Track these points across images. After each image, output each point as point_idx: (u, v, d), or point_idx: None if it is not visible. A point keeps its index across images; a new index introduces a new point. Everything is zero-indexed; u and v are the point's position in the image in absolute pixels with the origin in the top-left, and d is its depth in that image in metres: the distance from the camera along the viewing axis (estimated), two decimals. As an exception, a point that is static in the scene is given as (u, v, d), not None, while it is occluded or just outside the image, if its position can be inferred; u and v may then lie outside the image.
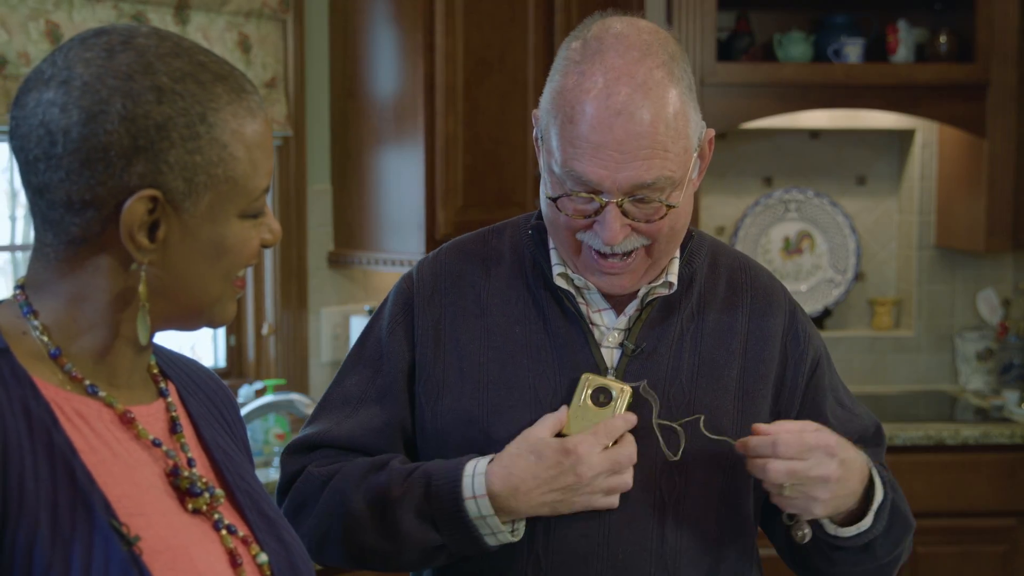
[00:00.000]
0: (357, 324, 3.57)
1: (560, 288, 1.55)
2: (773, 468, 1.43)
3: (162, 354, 1.24)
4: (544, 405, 1.51)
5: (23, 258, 3.11)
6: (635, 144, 1.40)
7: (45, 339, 1.08)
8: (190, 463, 1.15)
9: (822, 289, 4.11)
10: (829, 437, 1.46)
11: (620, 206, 1.43)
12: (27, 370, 1.05)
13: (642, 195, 1.43)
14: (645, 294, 1.54)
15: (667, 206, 1.45)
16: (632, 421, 1.49)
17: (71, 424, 1.06)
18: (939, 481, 3.51)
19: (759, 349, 1.58)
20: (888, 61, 3.79)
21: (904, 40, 3.76)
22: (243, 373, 3.57)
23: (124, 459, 1.08)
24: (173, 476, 1.12)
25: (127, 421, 1.11)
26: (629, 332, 1.55)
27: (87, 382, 1.09)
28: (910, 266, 4.11)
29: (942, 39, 3.77)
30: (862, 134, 4.11)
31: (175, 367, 1.25)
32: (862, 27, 3.85)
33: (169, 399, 1.19)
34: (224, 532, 1.14)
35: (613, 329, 1.55)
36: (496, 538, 1.47)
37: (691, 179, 1.49)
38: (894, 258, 4.19)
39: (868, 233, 4.16)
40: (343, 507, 1.52)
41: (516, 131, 3.41)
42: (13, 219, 3.10)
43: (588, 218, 1.46)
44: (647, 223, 1.46)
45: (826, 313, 4.13)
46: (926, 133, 4.04)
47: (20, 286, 1.11)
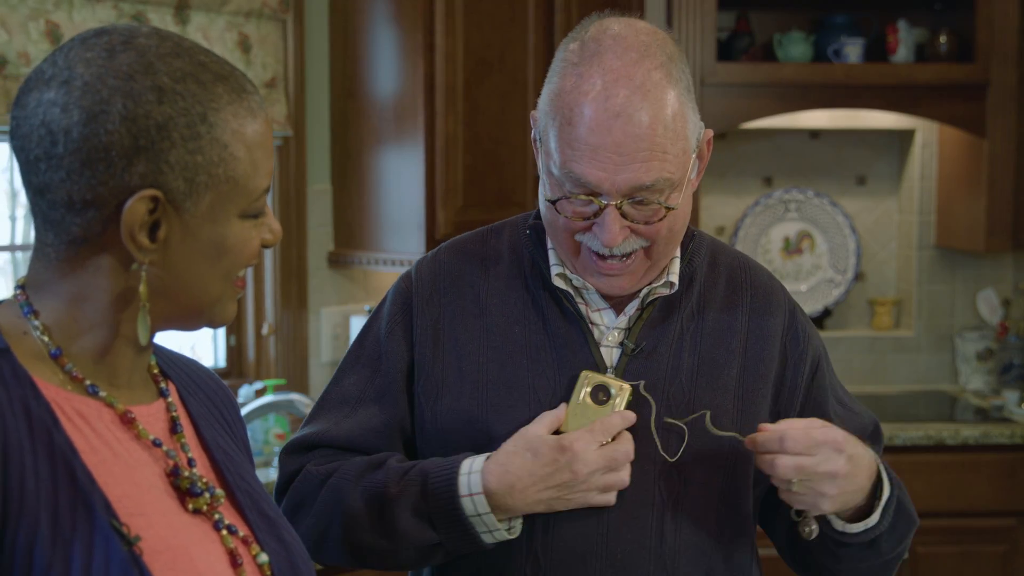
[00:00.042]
0: (357, 324, 3.57)
1: (559, 288, 1.55)
2: (781, 464, 1.43)
3: (162, 354, 1.24)
4: (543, 405, 1.51)
5: (23, 258, 3.10)
6: (634, 146, 1.40)
7: (46, 339, 1.08)
8: (190, 463, 1.15)
9: (822, 289, 4.11)
10: (837, 433, 1.46)
11: (619, 208, 1.43)
12: (28, 370, 1.05)
13: (641, 197, 1.43)
14: (646, 294, 1.54)
15: (666, 208, 1.45)
16: (630, 419, 1.48)
17: (72, 424, 1.06)
18: (939, 481, 3.51)
19: (759, 348, 1.58)
20: (888, 61, 3.79)
21: (904, 40, 3.76)
22: (243, 373, 3.56)
23: (124, 459, 1.08)
24: (173, 476, 1.12)
25: (127, 421, 1.11)
26: (629, 332, 1.55)
27: (88, 382, 1.09)
28: (910, 266, 4.11)
29: (942, 39, 3.77)
30: (862, 134, 4.11)
31: (175, 367, 1.25)
32: (862, 27, 3.85)
33: (169, 399, 1.19)
34: (224, 532, 1.14)
35: (613, 328, 1.55)
36: (492, 536, 1.47)
37: (690, 180, 1.49)
38: (894, 258, 4.19)
39: (868, 233, 4.16)
40: (341, 505, 1.52)
41: (516, 131, 3.41)
42: (13, 219, 3.10)
43: (587, 220, 1.46)
44: (646, 225, 1.46)
45: (826, 313, 4.13)
46: (926, 133, 4.04)
47: (21, 286, 1.11)
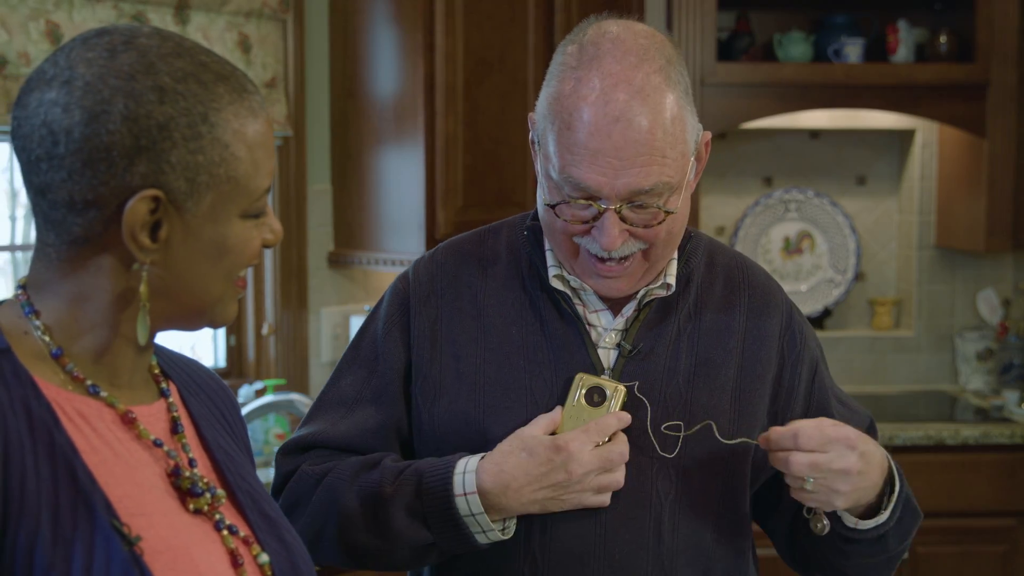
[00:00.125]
0: (357, 324, 3.56)
1: (556, 289, 1.55)
2: (795, 461, 1.43)
3: (163, 354, 1.24)
4: (540, 406, 1.51)
5: (23, 258, 3.10)
6: (633, 150, 1.40)
7: (47, 339, 1.08)
8: (191, 463, 1.15)
9: (822, 289, 4.11)
10: (849, 431, 1.46)
11: (618, 212, 1.43)
12: (28, 370, 1.05)
13: (640, 201, 1.43)
14: (643, 295, 1.54)
15: (665, 212, 1.45)
16: (625, 420, 1.48)
17: (72, 424, 1.06)
18: (939, 481, 3.50)
19: (756, 349, 1.58)
20: (888, 61, 3.79)
21: (904, 40, 3.76)
22: (243, 373, 3.56)
23: (125, 459, 1.08)
24: (174, 476, 1.12)
25: (128, 421, 1.11)
26: (626, 333, 1.55)
27: (88, 382, 1.09)
28: (910, 266, 4.11)
29: (942, 39, 3.76)
30: (862, 134, 4.11)
31: (176, 367, 1.25)
32: (862, 27, 3.85)
33: (170, 399, 1.19)
34: (225, 532, 1.14)
35: (611, 330, 1.55)
36: (486, 536, 1.47)
37: (688, 182, 1.49)
38: (894, 258, 4.19)
39: (868, 233, 4.16)
40: (336, 505, 1.51)
41: (516, 131, 3.41)
42: (13, 219, 3.10)
43: (586, 224, 1.46)
44: (645, 228, 1.46)
45: (826, 313, 4.13)
46: (926, 133, 4.04)
47: (22, 286, 1.11)
